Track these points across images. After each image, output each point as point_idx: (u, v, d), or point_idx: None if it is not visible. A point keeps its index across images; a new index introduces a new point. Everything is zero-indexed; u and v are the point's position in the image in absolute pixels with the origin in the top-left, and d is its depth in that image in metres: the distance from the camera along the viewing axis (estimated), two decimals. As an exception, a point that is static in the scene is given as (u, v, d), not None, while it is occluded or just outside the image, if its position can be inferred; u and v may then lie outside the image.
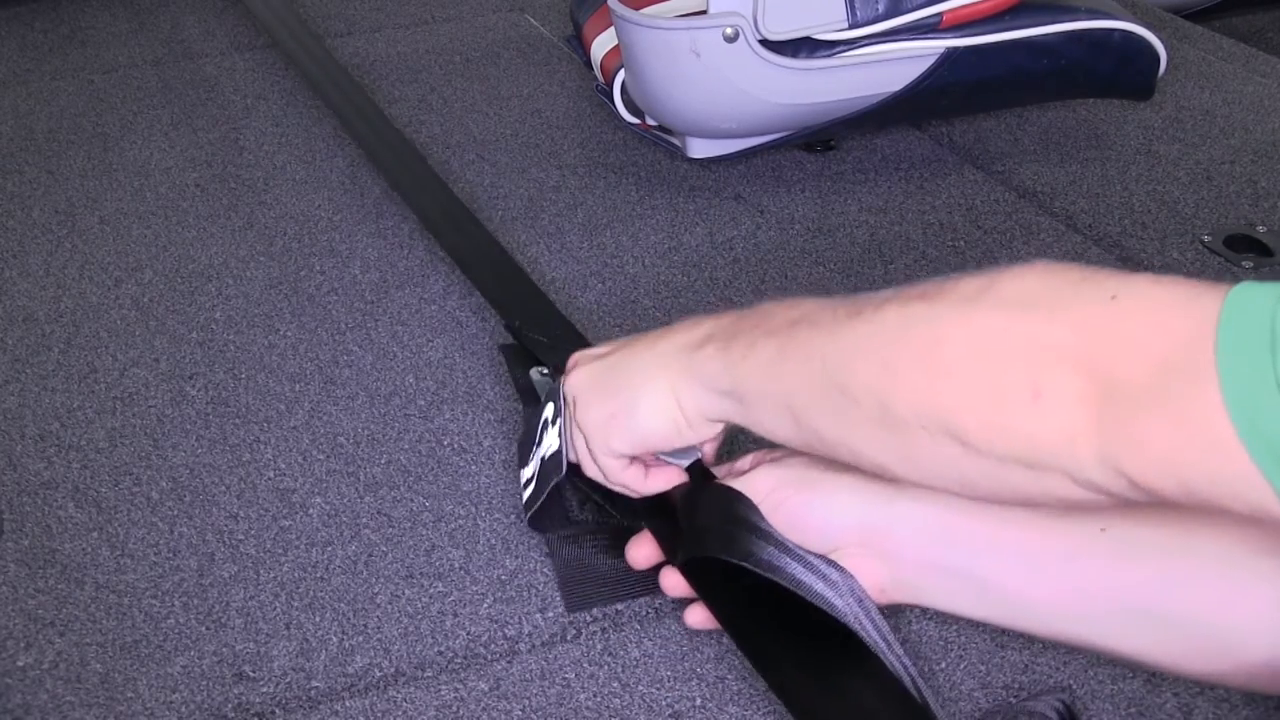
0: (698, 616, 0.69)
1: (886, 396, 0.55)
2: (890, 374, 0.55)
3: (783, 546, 0.64)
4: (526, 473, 0.79)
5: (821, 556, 0.65)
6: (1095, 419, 0.48)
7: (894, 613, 0.68)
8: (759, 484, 0.66)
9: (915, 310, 0.55)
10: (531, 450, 0.78)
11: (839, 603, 0.63)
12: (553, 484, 0.74)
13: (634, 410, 0.67)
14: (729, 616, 0.67)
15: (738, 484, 0.67)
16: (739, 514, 0.66)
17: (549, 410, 0.76)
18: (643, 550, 0.72)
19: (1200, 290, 0.47)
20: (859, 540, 0.64)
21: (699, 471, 0.72)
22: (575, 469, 0.74)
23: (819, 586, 0.63)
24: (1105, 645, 0.62)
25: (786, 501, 0.65)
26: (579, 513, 0.76)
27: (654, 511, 0.72)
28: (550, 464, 0.75)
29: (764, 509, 0.66)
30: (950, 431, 0.53)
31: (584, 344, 0.86)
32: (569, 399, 0.72)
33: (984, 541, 0.62)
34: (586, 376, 0.71)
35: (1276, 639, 0.55)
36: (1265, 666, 0.51)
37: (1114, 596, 0.60)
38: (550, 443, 0.75)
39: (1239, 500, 0.45)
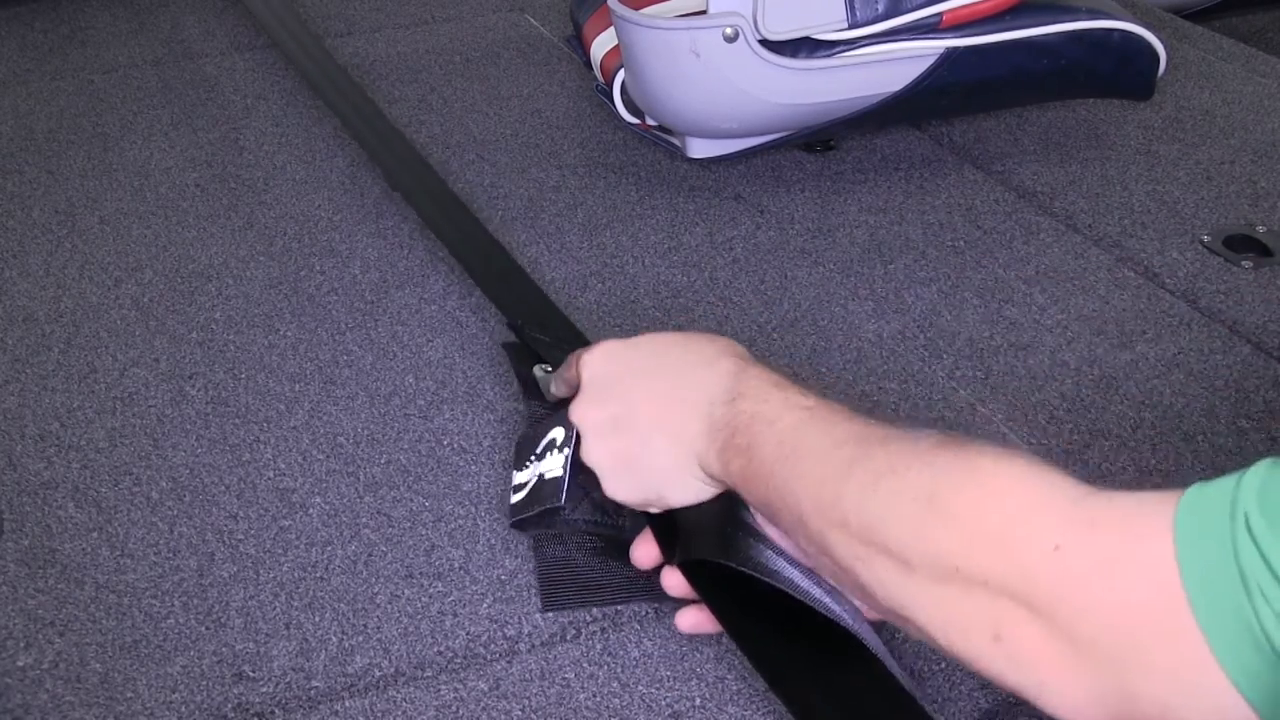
0: (690, 620, 0.70)
1: (865, 583, 0.57)
2: (866, 567, 0.56)
3: (779, 551, 0.64)
4: (520, 478, 0.78)
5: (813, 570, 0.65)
6: (1067, 673, 0.48)
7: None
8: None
9: (874, 508, 0.55)
10: (529, 458, 0.78)
11: (836, 608, 0.63)
12: (546, 507, 0.74)
13: (665, 497, 0.70)
14: (728, 616, 0.67)
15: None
16: (738, 516, 0.66)
17: (559, 433, 0.75)
18: (650, 551, 0.72)
19: (1145, 523, 0.46)
20: None
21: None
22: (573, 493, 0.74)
23: (817, 592, 0.63)
24: None
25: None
26: (570, 513, 0.76)
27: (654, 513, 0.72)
28: (549, 488, 0.74)
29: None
30: (928, 637, 0.54)
31: (585, 342, 0.86)
32: (592, 469, 0.73)
33: None
34: (608, 456, 0.71)
35: None
36: None
37: None
38: (553, 467, 0.75)
39: None
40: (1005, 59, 1.13)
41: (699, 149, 1.20)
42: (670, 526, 0.71)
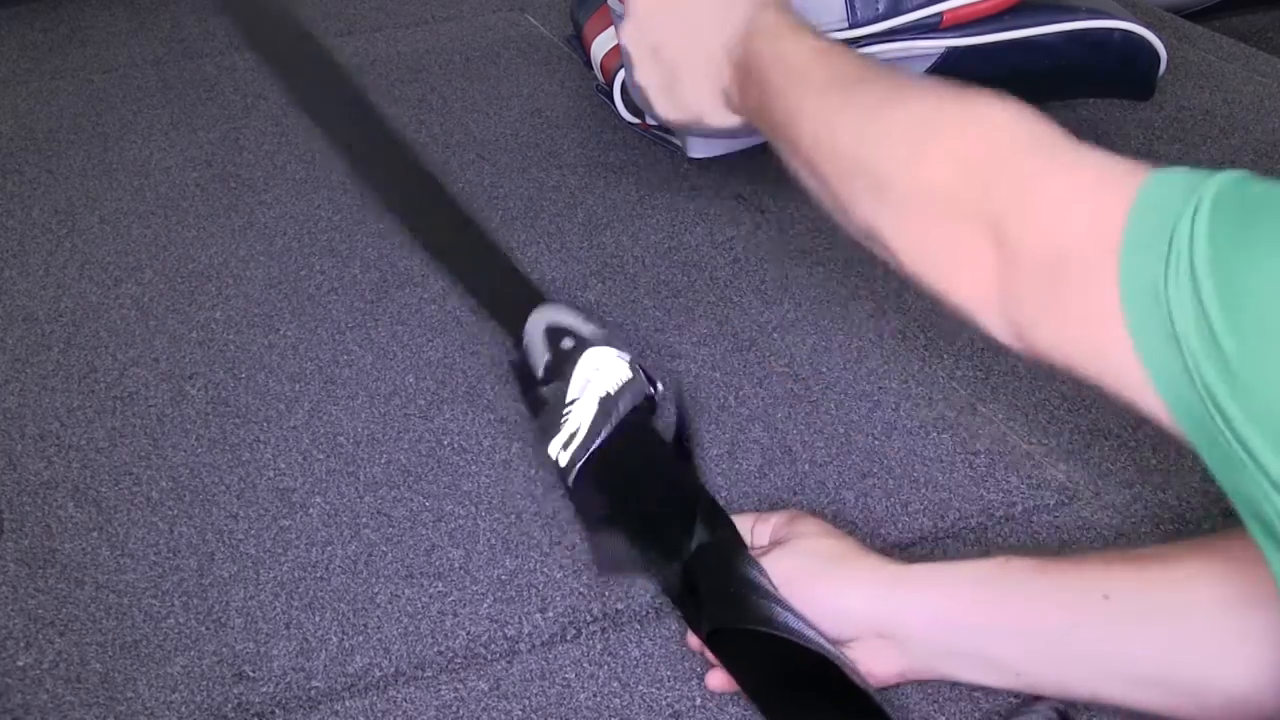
0: (719, 680, 0.69)
1: (844, 203, 0.60)
2: (848, 186, 0.60)
3: (800, 617, 0.65)
4: (563, 434, 0.78)
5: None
6: (999, 288, 0.51)
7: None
8: (772, 572, 0.67)
9: (870, 130, 0.59)
10: (563, 414, 0.78)
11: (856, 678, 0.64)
12: (635, 405, 0.77)
13: (703, 121, 0.78)
14: (753, 687, 0.67)
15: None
16: (750, 578, 0.67)
17: (592, 369, 0.78)
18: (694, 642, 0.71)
19: (1120, 175, 0.48)
20: (874, 630, 0.66)
21: (725, 526, 0.72)
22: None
23: (834, 651, 0.64)
24: (1115, 701, 0.63)
25: (796, 595, 0.66)
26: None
27: (680, 586, 0.71)
28: (630, 391, 0.77)
29: None
30: (892, 255, 0.58)
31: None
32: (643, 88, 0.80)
33: (984, 624, 0.65)
34: (655, 79, 0.79)
35: (1272, 692, 0.57)
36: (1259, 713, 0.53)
37: (1119, 662, 0.62)
38: (611, 379, 0.78)
39: (1121, 389, 0.48)
40: (1005, 59, 1.13)
41: (699, 149, 1.20)
42: (694, 603, 0.70)
